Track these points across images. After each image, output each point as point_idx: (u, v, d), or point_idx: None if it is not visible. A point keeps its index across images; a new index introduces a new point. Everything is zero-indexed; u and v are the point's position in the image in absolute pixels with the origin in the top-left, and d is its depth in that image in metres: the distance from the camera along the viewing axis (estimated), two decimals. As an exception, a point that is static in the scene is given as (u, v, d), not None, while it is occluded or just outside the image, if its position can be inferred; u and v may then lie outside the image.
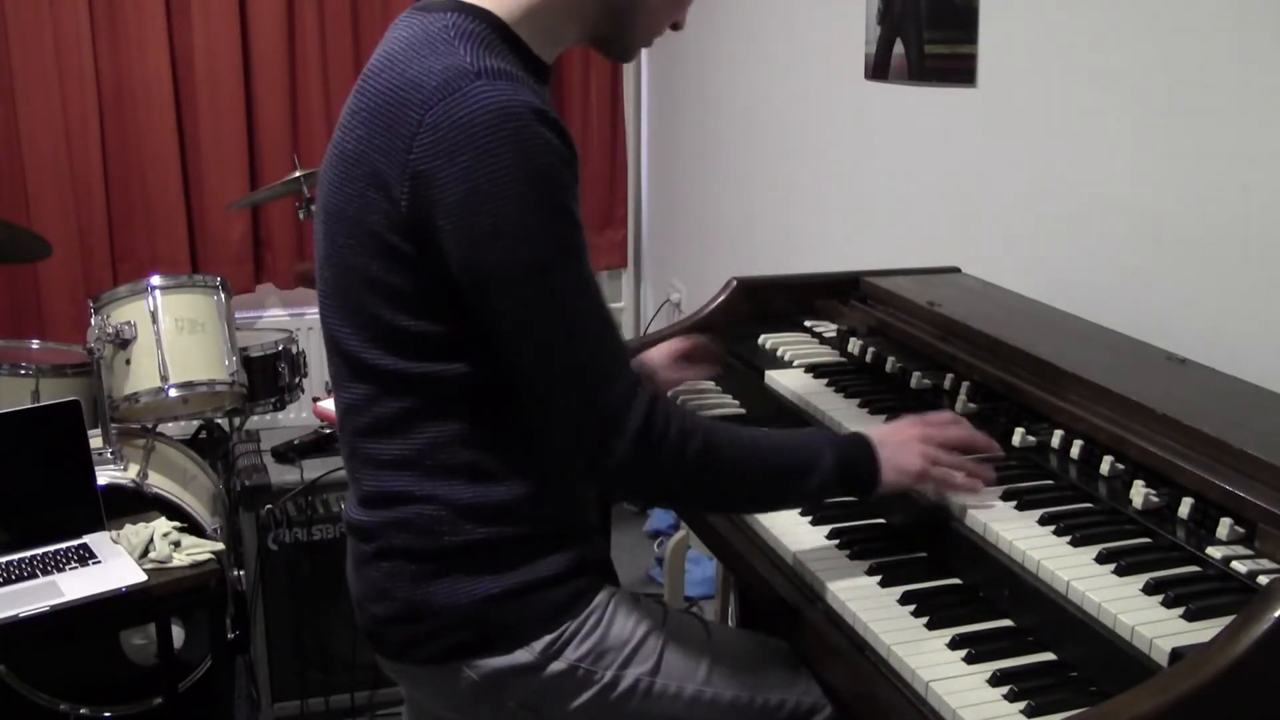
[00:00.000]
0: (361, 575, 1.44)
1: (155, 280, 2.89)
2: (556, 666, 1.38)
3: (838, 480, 1.40)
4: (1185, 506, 1.33)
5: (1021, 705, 1.13)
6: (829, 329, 2.07)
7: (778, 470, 1.38)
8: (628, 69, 4.51)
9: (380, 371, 1.34)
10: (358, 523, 1.43)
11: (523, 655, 1.38)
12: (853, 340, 1.96)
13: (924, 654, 1.23)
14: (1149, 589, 1.22)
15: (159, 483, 2.69)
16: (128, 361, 2.83)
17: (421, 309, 1.30)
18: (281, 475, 2.79)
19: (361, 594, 1.45)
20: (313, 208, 3.22)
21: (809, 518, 1.53)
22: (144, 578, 2.19)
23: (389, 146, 1.26)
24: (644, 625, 1.43)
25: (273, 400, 3.17)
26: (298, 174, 3.25)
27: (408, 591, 1.39)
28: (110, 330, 2.77)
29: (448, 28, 1.29)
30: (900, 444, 1.43)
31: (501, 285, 1.24)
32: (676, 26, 1.46)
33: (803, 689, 1.46)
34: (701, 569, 3.40)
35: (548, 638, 1.38)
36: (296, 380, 3.24)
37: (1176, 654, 1.10)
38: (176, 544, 2.31)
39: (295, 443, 2.89)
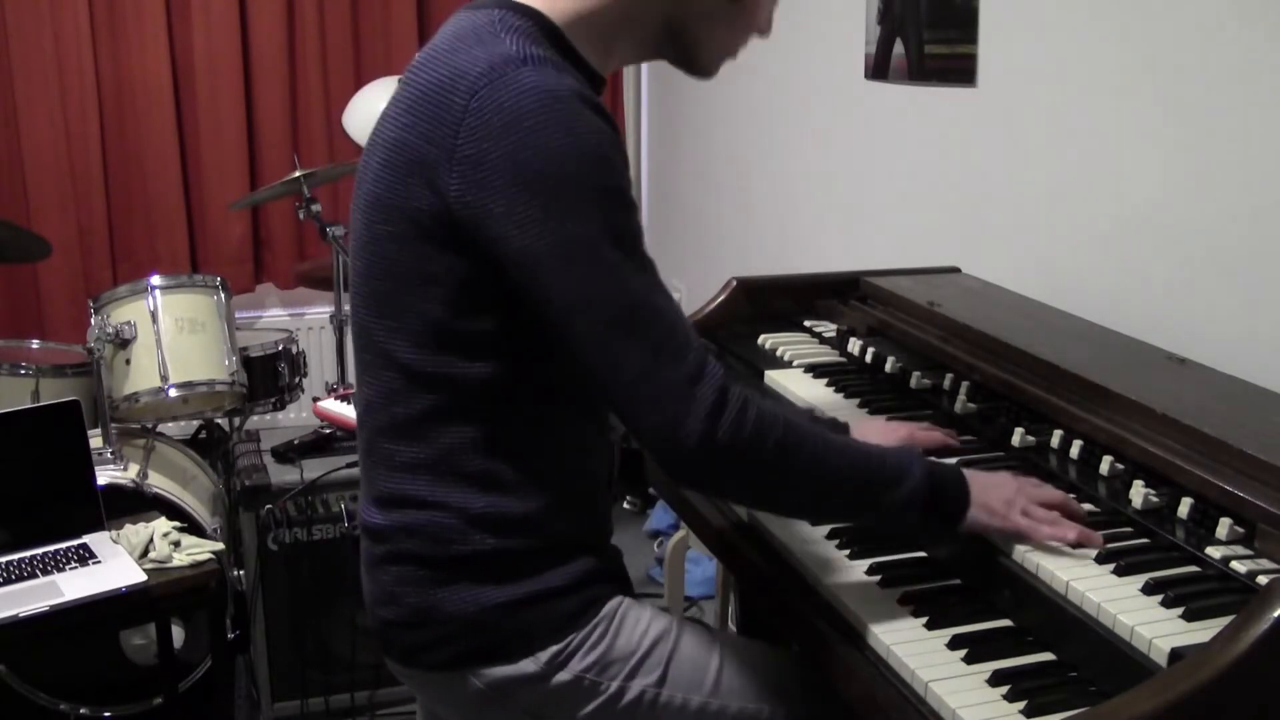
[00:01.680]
0: (372, 578, 1.44)
1: (155, 280, 2.89)
2: (562, 677, 1.38)
3: (926, 497, 1.31)
4: (1185, 506, 1.33)
5: (1021, 705, 1.13)
6: (829, 329, 2.07)
7: (865, 472, 1.31)
8: (627, 69, 4.51)
9: (403, 365, 1.33)
10: (371, 524, 1.42)
11: (529, 665, 1.37)
12: (853, 340, 1.96)
13: (923, 654, 1.23)
14: (1149, 589, 1.22)
15: (159, 483, 2.69)
16: (128, 361, 2.83)
17: (456, 302, 1.29)
18: (281, 475, 2.79)
19: (373, 597, 1.44)
20: (314, 207, 3.24)
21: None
22: (144, 578, 2.18)
23: (435, 134, 1.25)
24: (650, 636, 1.42)
25: (273, 400, 3.17)
26: (298, 174, 3.25)
27: (415, 597, 1.38)
28: (110, 330, 2.77)
29: (494, 21, 1.29)
30: (992, 485, 1.36)
31: (554, 266, 1.22)
32: (761, 34, 1.43)
33: (810, 702, 1.45)
34: (701, 569, 3.39)
35: (554, 648, 1.37)
36: (296, 380, 3.24)
37: (1176, 654, 1.10)
38: (176, 544, 2.31)
39: (295, 443, 2.89)
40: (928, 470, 1.33)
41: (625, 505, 4.01)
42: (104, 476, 2.57)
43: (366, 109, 3.40)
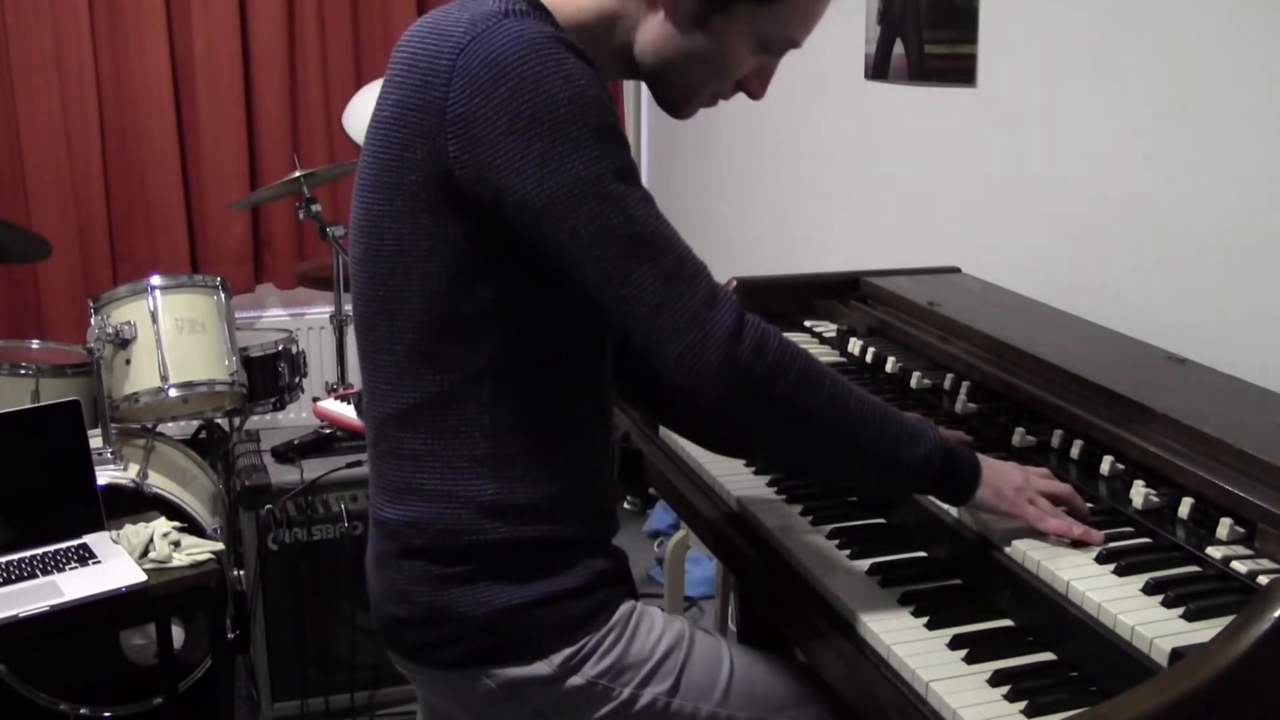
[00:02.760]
0: (381, 573, 1.43)
1: (155, 280, 2.89)
2: (575, 681, 1.37)
3: (941, 463, 1.32)
4: (1185, 506, 1.33)
5: (1021, 705, 1.13)
6: (829, 329, 2.07)
7: (884, 421, 1.30)
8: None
9: (406, 348, 1.33)
10: (381, 517, 1.42)
11: (541, 667, 1.37)
12: (853, 340, 1.96)
13: (924, 654, 1.23)
14: (1149, 589, 1.22)
15: (159, 483, 2.69)
16: (128, 361, 2.83)
17: (455, 274, 1.28)
18: (281, 475, 2.79)
19: (380, 592, 1.44)
20: (314, 207, 3.24)
21: (810, 517, 1.53)
22: (144, 578, 2.18)
23: (425, 101, 1.24)
24: (664, 644, 1.42)
25: (273, 400, 3.17)
26: (298, 174, 3.25)
27: (428, 596, 1.37)
28: (110, 330, 2.77)
29: None
30: (1003, 469, 1.37)
31: (560, 209, 1.21)
32: (750, 94, 1.41)
33: (816, 713, 1.45)
34: (701, 569, 3.39)
35: (567, 651, 1.37)
36: (296, 380, 3.24)
37: (1176, 654, 1.10)
38: (176, 544, 2.31)
39: (295, 443, 2.89)
40: (942, 438, 1.33)
41: (625, 505, 4.01)
42: (104, 476, 2.57)
43: (366, 109, 3.38)
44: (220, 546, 2.38)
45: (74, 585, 2.15)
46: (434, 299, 1.30)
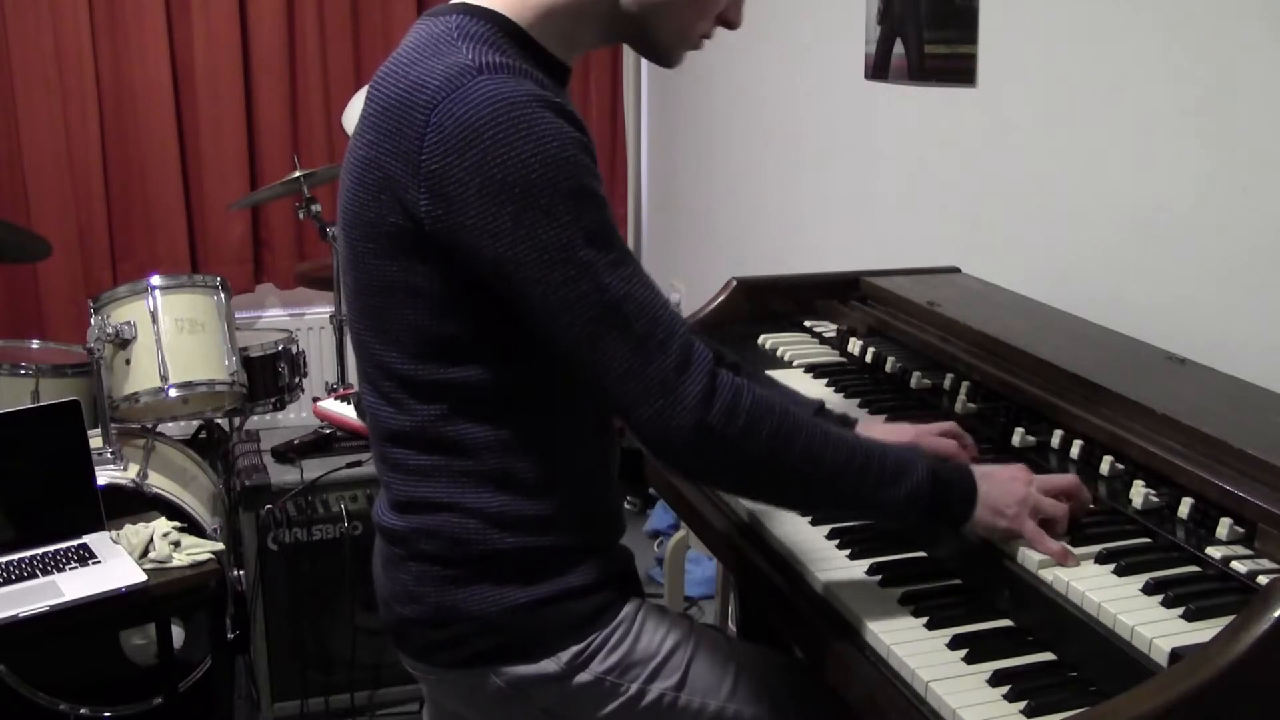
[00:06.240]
0: (390, 576, 1.44)
1: (155, 280, 2.89)
2: (583, 678, 1.38)
3: (929, 497, 1.31)
4: (1185, 506, 1.33)
5: (1021, 705, 1.13)
6: (829, 329, 2.07)
7: (864, 467, 1.29)
8: (627, 69, 4.51)
9: (403, 376, 1.34)
10: (388, 527, 1.43)
11: (549, 665, 1.38)
12: (853, 340, 1.96)
13: (924, 654, 1.23)
14: (1149, 589, 1.22)
15: (159, 483, 2.69)
16: (128, 361, 2.83)
17: (442, 310, 1.30)
18: (281, 475, 2.79)
19: (389, 594, 1.45)
20: (314, 207, 3.24)
21: (808, 518, 1.53)
22: (144, 578, 2.19)
23: (399, 150, 1.25)
24: (671, 640, 1.43)
25: (273, 400, 3.17)
26: (298, 174, 3.25)
27: (437, 596, 1.38)
28: (110, 330, 2.78)
29: (452, 29, 1.29)
30: (1005, 481, 1.34)
31: (531, 273, 1.22)
32: (729, 25, 1.41)
33: (823, 712, 1.45)
34: (701, 569, 3.40)
35: (575, 648, 1.38)
36: (296, 380, 3.24)
37: (1176, 654, 1.10)
38: (176, 544, 2.31)
39: (295, 443, 2.89)
40: (931, 470, 1.32)
41: (625, 505, 4.00)
42: (104, 476, 2.57)
43: (366, 109, 3.40)
44: (220, 546, 2.38)
45: (74, 585, 2.16)
46: (422, 332, 1.31)
